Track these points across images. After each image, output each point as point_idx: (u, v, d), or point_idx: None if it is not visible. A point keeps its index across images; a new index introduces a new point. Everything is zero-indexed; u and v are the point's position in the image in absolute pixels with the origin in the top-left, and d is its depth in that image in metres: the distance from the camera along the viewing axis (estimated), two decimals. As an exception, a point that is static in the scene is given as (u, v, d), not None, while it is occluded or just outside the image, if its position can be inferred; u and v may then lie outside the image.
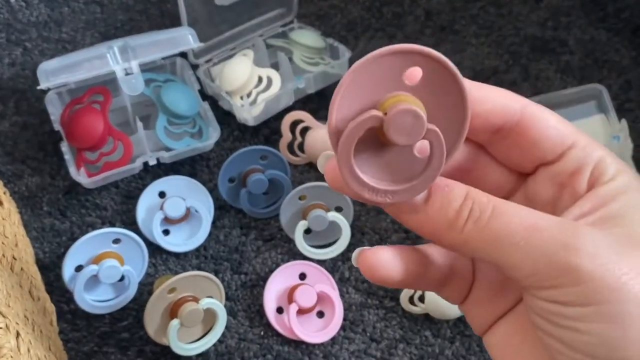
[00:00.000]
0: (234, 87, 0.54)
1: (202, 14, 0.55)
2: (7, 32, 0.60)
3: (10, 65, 0.58)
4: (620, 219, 0.18)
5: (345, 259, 0.49)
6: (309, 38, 0.58)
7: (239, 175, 0.51)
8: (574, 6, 0.68)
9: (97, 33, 0.61)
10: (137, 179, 0.53)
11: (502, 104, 0.20)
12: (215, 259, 0.49)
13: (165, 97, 0.52)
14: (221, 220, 0.51)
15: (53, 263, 0.48)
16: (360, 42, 0.64)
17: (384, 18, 0.66)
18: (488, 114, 0.20)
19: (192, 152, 0.52)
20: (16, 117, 0.55)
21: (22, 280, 0.38)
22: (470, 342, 0.45)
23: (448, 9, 0.67)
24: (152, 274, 0.48)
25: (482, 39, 0.65)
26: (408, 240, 0.50)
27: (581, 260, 0.17)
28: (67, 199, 0.51)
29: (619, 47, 0.65)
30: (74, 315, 0.45)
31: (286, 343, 0.45)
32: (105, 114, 0.50)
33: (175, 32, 0.50)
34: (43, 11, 0.61)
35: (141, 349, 0.44)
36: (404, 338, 0.45)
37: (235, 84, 0.54)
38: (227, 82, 0.54)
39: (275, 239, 0.50)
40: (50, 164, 0.53)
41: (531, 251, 0.17)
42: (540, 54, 0.64)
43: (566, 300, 0.17)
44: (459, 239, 0.18)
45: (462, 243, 0.18)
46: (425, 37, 0.65)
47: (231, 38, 0.58)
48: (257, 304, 0.47)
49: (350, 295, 0.47)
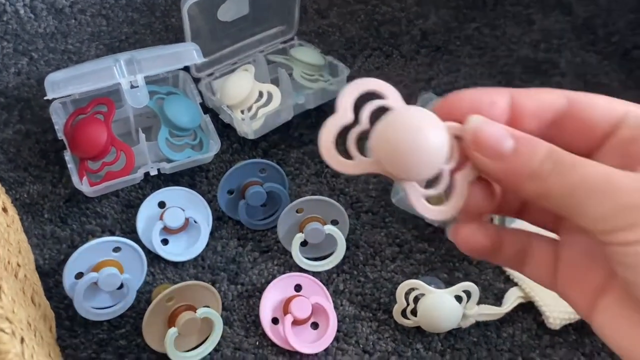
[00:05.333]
0: (235, 101, 0.55)
1: (205, 29, 0.57)
2: (15, 42, 0.61)
3: (16, 75, 0.59)
4: None
5: (340, 271, 0.50)
6: (308, 55, 0.60)
7: (237, 187, 0.52)
8: (565, 29, 0.70)
9: (102, 45, 0.62)
10: (138, 189, 0.54)
11: (546, 99, 0.21)
12: (212, 269, 0.50)
13: (168, 110, 0.53)
14: (219, 231, 0.52)
15: (53, 270, 0.48)
16: (357, 60, 0.65)
17: (381, 37, 0.68)
18: (537, 111, 0.21)
19: (193, 163, 0.53)
20: (20, 125, 0.56)
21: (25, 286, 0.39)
22: (460, 355, 0.46)
23: (443, 30, 0.69)
24: (151, 283, 0.49)
25: (475, 59, 0.67)
26: (401, 254, 0.51)
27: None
28: (67, 207, 0.52)
29: (609, 70, 0.67)
30: (72, 322, 0.46)
31: (281, 353, 0.46)
32: (108, 124, 0.51)
33: (180, 47, 0.52)
34: (51, 23, 0.62)
35: (138, 356, 0.45)
36: (396, 350, 0.46)
37: (236, 98, 0.55)
38: (228, 96, 0.55)
39: (272, 251, 0.51)
40: (52, 172, 0.54)
41: (606, 197, 0.18)
42: (533, 75, 0.66)
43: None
44: (540, 188, 0.19)
45: (543, 192, 0.19)
46: (420, 57, 0.66)
47: (233, 53, 0.60)
48: (253, 314, 0.47)
49: (345, 308, 0.48)
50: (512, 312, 0.47)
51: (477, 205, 0.21)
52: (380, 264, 0.51)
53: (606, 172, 0.19)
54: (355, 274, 0.50)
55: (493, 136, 0.20)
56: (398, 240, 0.52)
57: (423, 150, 0.20)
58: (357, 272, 0.50)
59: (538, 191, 0.19)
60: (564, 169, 0.19)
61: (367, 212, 0.54)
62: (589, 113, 0.21)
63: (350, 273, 0.50)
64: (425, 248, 0.51)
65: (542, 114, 0.21)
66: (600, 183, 0.18)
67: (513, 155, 0.20)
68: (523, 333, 0.47)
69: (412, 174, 0.20)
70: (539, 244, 0.23)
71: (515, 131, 0.20)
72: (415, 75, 0.65)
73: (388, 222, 0.53)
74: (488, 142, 0.20)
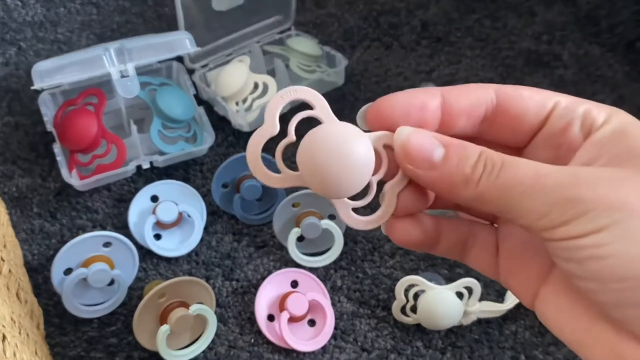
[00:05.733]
0: (229, 92, 0.54)
1: (200, 19, 0.55)
2: (2, 31, 0.59)
3: (4, 65, 0.58)
4: (626, 157, 0.18)
5: (338, 267, 0.49)
6: (305, 45, 0.58)
7: (232, 180, 0.51)
8: (568, 21, 0.69)
9: (93, 34, 0.61)
10: (130, 183, 0.52)
11: (476, 96, 0.21)
12: (206, 264, 0.49)
13: (161, 101, 0.51)
14: (213, 226, 0.51)
15: (42, 265, 0.47)
16: (356, 51, 0.64)
17: (381, 28, 0.66)
18: (468, 110, 0.21)
19: (186, 156, 0.52)
20: (8, 117, 0.55)
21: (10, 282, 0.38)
22: (461, 353, 0.45)
23: (444, 21, 0.68)
24: (143, 279, 0.47)
25: (477, 51, 0.66)
26: (400, 249, 0.50)
27: (584, 191, 0.18)
28: (57, 201, 0.51)
29: (612, 63, 0.66)
30: (61, 319, 0.45)
31: (277, 351, 0.45)
32: (99, 116, 0.50)
33: (172, 36, 0.50)
34: (39, 11, 0.61)
35: (129, 354, 0.43)
36: (395, 348, 0.45)
37: (231, 90, 0.54)
38: (223, 87, 0.54)
39: (267, 246, 0.50)
40: (42, 165, 0.52)
41: (539, 194, 0.18)
42: (535, 68, 0.64)
43: (579, 233, 0.17)
44: (475, 193, 0.19)
45: (478, 196, 0.19)
46: (420, 48, 0.65)
47: (228, 44, 0.58)
48: (248, 311, 0.46)
49: (342, 304, 0.47)
50: (515, 309, 0.46)
51: (409, 209, 0.22)
52: (379, 260, 0.49)
53: (536, 169, 0.18)
54: (353, 269, 0.49)
55: (422, 147, 0.20)
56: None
57: (347, 172, 0.19)
58: (355, 268, 0.49)
59: (473, 196, 0.19)
60: (494, 171, 0.19)
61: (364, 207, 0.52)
62: (517, 107, 0.21)
63: (348, 269, 0.49)
64: (425, 243, 0.50)
65: (473, 112, 0.21)
66: (531, 181, 0.18)
67: (444, 164, 0.20)
68: (526, 330, 0.46)
69: (340, 194, 0.20)
70: (479, 234, 0.23)
71: (444, 138, 0.20)
72: (415, 66, 0.63)
73: (387, 216, 0.52)
74: (418, 153, 0.20)
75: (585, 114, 0.20)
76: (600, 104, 0.20)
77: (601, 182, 0.18)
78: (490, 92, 0.21)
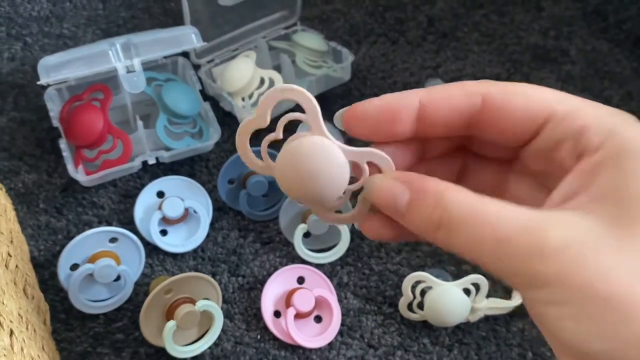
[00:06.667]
0: (235, 88, 0.54)
1: (205, 14, 0.55)
2: (8, 26, 0.59)
3: (10, 60, 0.57)
4: (610, 195, 0.17)
5: (345, 263, 0.49)
6: (312, 41, 0.58)
7: (238, 176, 0.51)
8: (575, 16, 0.69)
9: (99, 30, 0.61)
10: (136, 178, 0.52)
11: (457, 106, 0.20)
12: (212, 260, 0.48)
13: (166, 97, 0.51)
14: (219, 222, 0.50)
15: (48, 261, 0.47)
16: (362, 47, 0.64)
17: (387, 23, 0.66)
18: (446, 119, 0.20)
19: (192, 152, 0.52)
20: (14, 112, 0.55)
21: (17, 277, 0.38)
22: (468, 350, 0.45)
23: (450, 16, 0.67)
24: (149, 275, 0.47)
25: (484, 47, 0.65)
26: (407, 246, 0.50)
27: (547, 266, 0.16)
28: (63, 197, 0.51)
29: (620, 58, 0.65)
30: (67, 315, 0.44)
31: (283, 347, 0.44)
32: (105, 111, 0.50)
33: (178, 31, 0.50)
34: (45, 6, 0.61)
35: (136, 350, 0.43)
36: (402, 345, 0.45)
37: (237, 85, 0.53)
38: (228, 83, 0.54)
39: (273, 242, 0.50)
40: (48, 161, 0.52)
41: (501, 261, 0.17)
42: (542, 63, 0.64)
43: (541, 300, 0.17)
44: (441, 242, 0.19)
45: (445, 245, 0.19)
46: (427, 44, 0.65)
47: (234, 39, 0.58)
48: (254, 307, 0.46)
49: (349, 301, 0.47)
50: (522, 306, 0.46)
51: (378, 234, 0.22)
52: (385, 256, 0.49)
53: (495, 230, 0.17)
54: (360, 266, 0.49)
55: (388, 196, 0.20)
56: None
57: (323, 185, 0.20)
58: (361, 264, 0.49)
59: (440, 244, 0.19)
60: (451, 228, 0.18)
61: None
62: (505, 118, 0.19)
63: (355, 265, 0.49)
64: (432, 240, 0.50)
65: (452, 122, 0.20)
66: (491, 245, 0.17)
67: (409, 212, 0.19)
68: (533, 327, 0.46)
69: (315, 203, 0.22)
70: None
71: (407, 176, 0.20)
72: (421, 62, 0.63)
73: (393, 213, 0.51)
74: (386, 203, 0.20)
75: (579, 133, 0.18)
76: (602, 114, 0.18)
77: (568, 251, 0.16)
78: (476, 99, 0.20)
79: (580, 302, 0.16)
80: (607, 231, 0.16)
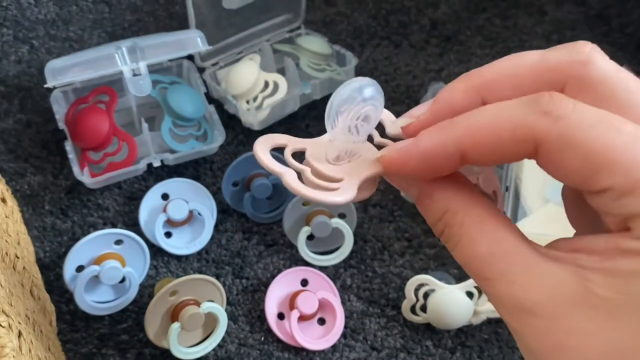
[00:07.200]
0: (240, 91, 0.54)
1: (210, 17, 0.55)
2: (15, 29, 0.60)
3: (17, 63, 0.58)
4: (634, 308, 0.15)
5: (348, 266, 0.49)
6: (315, 44, 0.58)
7: (243, 179, 0.51)
8: (578, 20, 0.69)
9: (105, 33, 0.61)
10: (140, 180, 0.52)
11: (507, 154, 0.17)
12: (216, 262, 0.49)
13: (171, 99, 0.51)
14: (224, 224, 0.51)
15: (53, 263, 0.47)
16: (366, 50, 0.64)
17: (390, 27, 0.66)
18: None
19: (197, 154, 0.52)
20: (20, 114, 0.55)
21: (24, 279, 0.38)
22: (471, 352, 0.45)
23: (454, 19, 0.68)
24: (153, 276, 0.48)
25: (487, 50, 0.65)
26: (410, 248, 0.50)
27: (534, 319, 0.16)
28: (69, 199, 0.51)
29: (623, 62, 0.65)
30: (73, 316, 0.45)
31: (286, 349, 0.45)
32: (110, 114, 0.50)
33: (184, 35, 0.50)
34: (51, 9, 0.61)
35: (140, 351, 0.44)
36: (405, 347, 0.45)
37: (241, 88, 0.54)
38: (233, 85, 0.54)
39: (277, 244, 0.50)
40: (53, 163, 0.53)
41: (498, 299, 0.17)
42: (545, 67, 0.64)
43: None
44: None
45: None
46: (430, 47, 0.65)
47: (238, 42, 0.58)
48: (258, 309, 0.46)
49: (352, 303, 0.47)
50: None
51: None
52: (388, 259, 0.49)
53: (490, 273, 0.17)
54: (363, 268, 0.49)
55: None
56: (407, 234, 0.51)
57: None
58: (364, 266, 0.49)
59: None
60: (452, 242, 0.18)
61: (375, 205, 0.52)
62: (564, 175, 0.16)
63: (358, 268, 0.49)
64: (435, 242, 0.50)
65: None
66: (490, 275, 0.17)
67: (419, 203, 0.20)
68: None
69: None
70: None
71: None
72: (425, 65, 0.63)
73: (397, 215, 0.52)
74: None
75: (630, 217, 0.15)
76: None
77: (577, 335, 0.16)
78: (528, 148, 0.16)
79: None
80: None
